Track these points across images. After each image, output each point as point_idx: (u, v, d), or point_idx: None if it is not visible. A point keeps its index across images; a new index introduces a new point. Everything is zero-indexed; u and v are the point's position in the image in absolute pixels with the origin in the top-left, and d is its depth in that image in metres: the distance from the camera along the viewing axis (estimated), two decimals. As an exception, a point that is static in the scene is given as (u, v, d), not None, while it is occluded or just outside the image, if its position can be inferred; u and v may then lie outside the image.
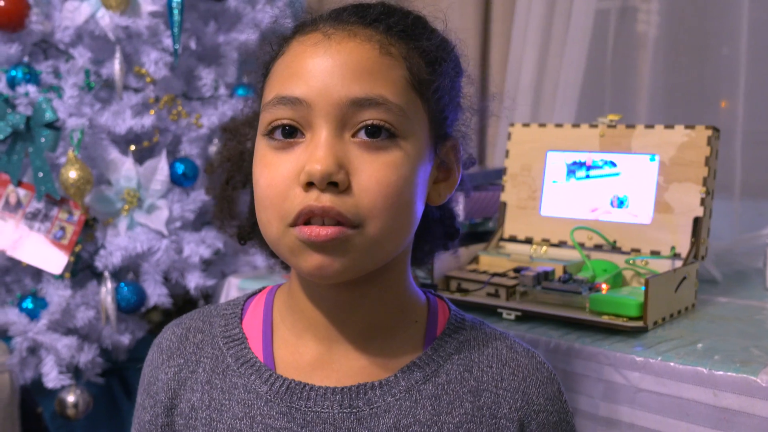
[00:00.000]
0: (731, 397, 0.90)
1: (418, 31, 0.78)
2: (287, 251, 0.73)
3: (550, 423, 0.81)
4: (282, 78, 0.75)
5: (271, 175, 0.73)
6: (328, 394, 0.77)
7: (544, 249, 1.27)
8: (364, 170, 0.71)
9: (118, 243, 1.68)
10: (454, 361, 0.80)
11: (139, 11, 1.70)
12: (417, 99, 0.75)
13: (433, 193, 0.81)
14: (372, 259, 0.74)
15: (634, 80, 1.96)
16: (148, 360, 0.87)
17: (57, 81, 1.70)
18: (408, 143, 0.73)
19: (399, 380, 0.78)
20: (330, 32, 0.74)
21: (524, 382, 0.81)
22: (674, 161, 1.17)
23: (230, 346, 0.82)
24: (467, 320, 0.85)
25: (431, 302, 0.85)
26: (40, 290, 1.68)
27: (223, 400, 0.79)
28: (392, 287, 0.81)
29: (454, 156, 0.83)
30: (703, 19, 1.85)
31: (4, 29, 1.65)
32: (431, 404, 0.77)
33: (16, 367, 1.64)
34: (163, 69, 1.74)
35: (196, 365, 0.83)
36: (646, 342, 1.01)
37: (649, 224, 1.18)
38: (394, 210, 0.72)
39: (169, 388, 0.82)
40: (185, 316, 0.89)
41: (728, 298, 1.26)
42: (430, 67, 0.77)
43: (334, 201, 0.70)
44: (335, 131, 0.71)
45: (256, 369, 0.79)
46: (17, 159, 1.64)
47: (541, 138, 1.30)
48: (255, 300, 0.87)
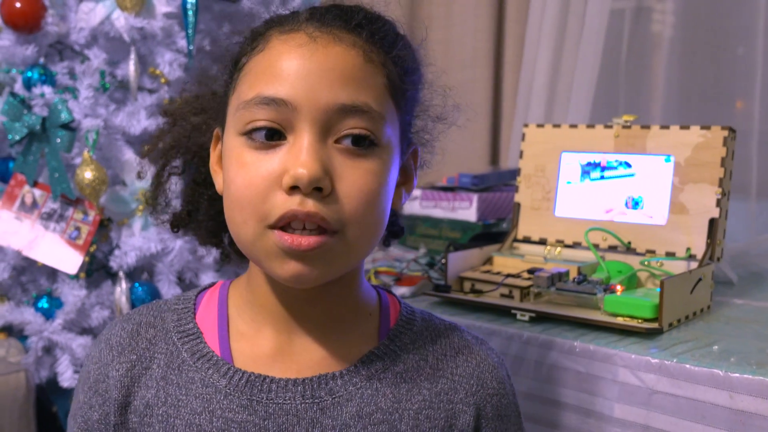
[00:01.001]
0: (747, 399, 0.89)
1: (394, 40, 0.78)
2: (263, 254, 0.73)
3: (503, 405, 0.84)
4: (264, 77, 0.74)
5: (250, 176, 0.72)
6: (290, 385, 0.77)
7: (558, 250, 1.26)
8: (347, 177, 0.72)
9: (132, 243, 1.68)
10: (410, 351, 0.82)
11: (153, 12, 1.71)
12: (393, 106, 0.76)
13: (396, 196, 0.82)
14: (347, 265, 0.76)
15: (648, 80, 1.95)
16: (93, 356, 0.84)
17: (72, 82, 1.71)
18: (385, 151, 0.75)
19: (359, 370, 0.79)
20: (315, 35, 0.74)
21: (478, 368, 0.83)
22: (689, 162, 1.17)
23: (185, 341, 0.81)
24: (417, 313, 0.87)
25: (382, 297, 0.87)
26: (56, 290, 1.69)
27: (180, 396, 0.78)
28: (350, 284, 0.82)
29: (414, 161, 0.85)
30: (719, 19, 1.84)
31: (21, 31, 1.66)
32: (391, 392, 0.79)
33: (32, 366, 1.65)
34: (178, 70, 1.74)
35: (150, 361, 0.81)
36: (662, 344, 1.00)
37: (664, 225, 1.18)
38: (372, 216, 0.74)
39: (122, 386, 0.80)
40: (132, 311, 0.87)
41: (744, 300, 1.25)
42: (405, 75, 0.78)
43: (318, 206, 0.70)
44: (319, 135, 0.71)
45: (213, 363, 0.79)
46: (33, 160, 1.65)
47: (555, 139, 1.30)
48: (207, 295, 0.87)
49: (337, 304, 0.81)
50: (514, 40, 2.12)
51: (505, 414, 0.84)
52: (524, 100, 2.03)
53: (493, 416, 0.83)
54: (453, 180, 1.64)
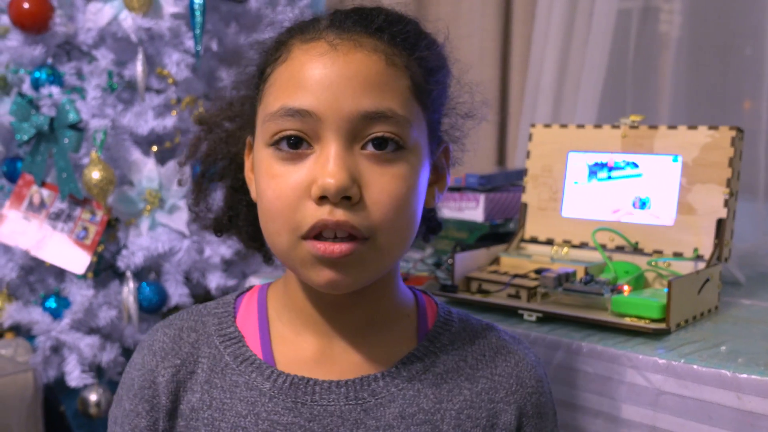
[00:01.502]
0: (755, 400, 0.89)
1: (417, 40, 0.78)
2: (298, 263, 0.74)
3: (542, 404, 0.84)
4: (288, 88, 0.74)
5: (280, 187, 0.73)
6: (333, 387, 0.78)
7: (565, 250, 1.26)
8: (375, 183, 0.72)
9: (140, 243, 1.69)
10: (449, 352, 0.83)
11: (161, 13, 1.71)
12: (419, 107, 0.76)
13: (429, 195, 0.82)
14: (380, 270, 0.76)
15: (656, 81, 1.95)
16: (136, 363, 0.84)
17: (80, 82, 1.71)
18: (413, 154, 0.75)
19: (400, 371, 0.80)
20: (335, 42, 0.74)
21: (516, 368, 0.84)
22: (697, 162, 1.17)
23: (227, 344, 0.82)
24: (454, 313, 0.88)
25: (419, 298, 0.88)
26: (63, 290, 1.70)
27: (225, 399, 0.79)
28: (387, 287, 0.83)
29: (446, 159, 0.85)
30: (726, 19, 1.84)
31: (29, 31, 1.67)
32: (433, 393, 0.80)
33: (40, 365, 1.66)
34: (185, 70, 1.75)
35: (194, 365, 0.81)
36: (669, 344, 1.00)
37: (671, 226, 1.18)
38: (402, 221, 0.74)
39: (169, 391, 0.80)
40: (173, 316, 0.87)
41: (752, 301, 1.25)
42: (429, 75, 0.78)
43: (348, 215, 0.70)
44: (345, 144, 0.72)
45: (257, 366, 0.80)
46: (41, 160, 1.66)
47: (562, 139, 1.29)
48: (246, 298, 0.87)
49: (375, 307, 0.82)
50: (521, 39, 2.11)
51: (543, 412, 0.85)
52: (531, 100, 2.03)
53: (533, 414, 0.83)
54: (460, 180, 1.63)
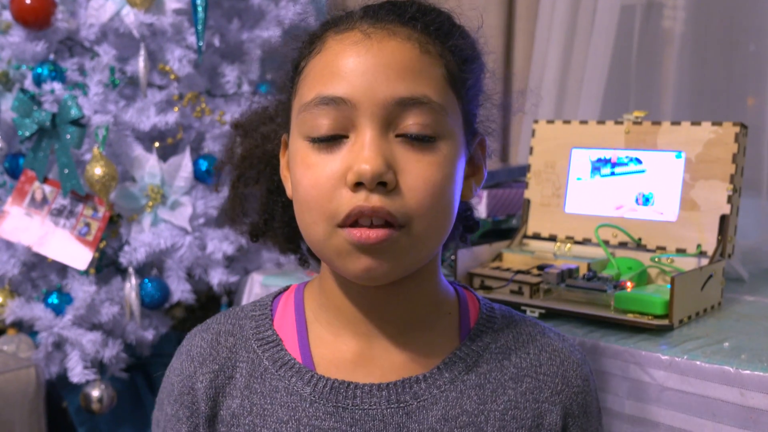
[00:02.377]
0: (758, 396, 0.89)
1: (451, 30, 0.78)
2: (334, 253, 0.73)
3: (587, 402, 0.83)
4: (322, 77, 0.74)
5: (315, 176, 0.72)
6: (374, 390, 0.77)
7: (568, 246, 1.26)
8: (411, 170, 0.71)
9: (142, 239, 1.69)
10: (492, 351, 0.81)
11: (163, 9, 1.71)
12: (454, 97, 0.76)
13: (466, 188, 0.81)
14: (417, 259, 0.75)
15: (659, 77, 1.94)
16: (175, 369, 0.84)
17: (82, 78, 1.71)
18: (448, 142, 0.74)
19: (442, 372, 0.79)
20: (369, 31, 0.74)
21: (562, 366, 0.82)
22: (701, 158, 1.16)
23: (265, 348, 0.81)
24: (497, 309, 0.86)
25: (461, 294, 0.86)
26: (65, 286, 1.70)
27: (265, 405, 0.78)
28: (426, 283, 0.81)
29: (482, 151, 0.84)
30: (730, 15, 1.83)
31: (31, 27, 1.67)
32: (476, 394, 0.78)
33: (42, 361, 1.66)
34: (187, 66, 1.75)
35: (232, 370, 0.81)
36: (672, 340, 1.00)
37: (674, 222, 1.17)
38: (438, 209, 0.73)
39: (208, 397, 0.80)
40: (210, 320, 0.87)
41: (755, 297, 1.25)
42: (464, 64, 0.77)
43: (384, 201, 0.70)
44: (380, 130, 0.71)
45: (296, 371, 0.79)
46: (43, 156, 1.66)
47: (565, 135, 1.29)
48: (282, 299, 0.86)
49: (415, 304, 0.80)
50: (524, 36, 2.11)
51: (589, 411, 0.83)
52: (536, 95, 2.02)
53: (579, 414, 0.82)
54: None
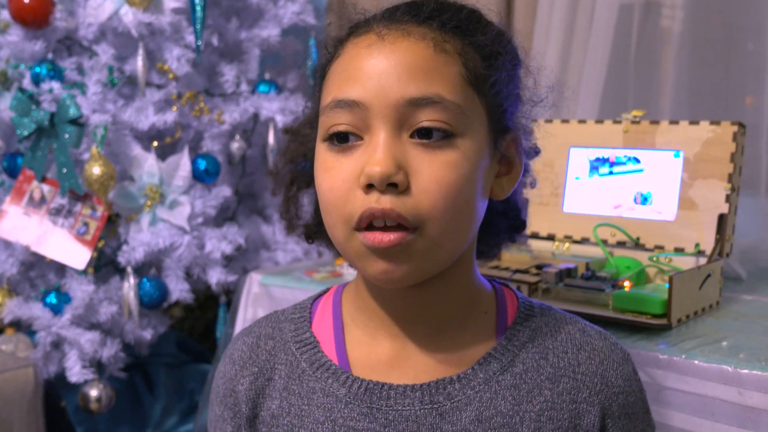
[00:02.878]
0: (757, 395, 0.89)
1: (472, 26, 0.77)
2: (354, 256, 0.74)
3: (629, 403, 0.81)
4: (338, 81, 0.75)
5: (332, 179, 0.73)
6: (408, 391, 0.77)
7: (566, 246, 1.26)
8: (423, 171, 0.71)
9: (140, 239, 1.69)
10: (528, 350, 0.80)
11: (161, 8, 1.71)
12: (474, 95, 0.75)
13: (496, 187, 0.80)
14: (434, 262, 0.74)
15: (658, 76, 1.94)
16: (220, 372, 0.87)
17: (81, 77, 1.71)
18: (466, 141, 0.73)
19: (477, 373, 0.78)
20: (383, 33, 0.74)
21: (602, 366, 0.80)
22: (699, 157, 1.16)
23: (303, 350, 0.82)
24: (535, 306, 0.85)
25: (498, 291, 0.85)
26: (64, 285, 1.69)
27: (303, 406, 0.79)
28: (459, 282, 0.80)
29: (515, 149, 0.82)
30: (728, 15, 1.83)
31: (29, 26, 1.66)
32: (511, 394, 0.77)
33: (40, 361, 1.66)
34: (186, 65, 1.74)
35: (271, 372, 0.82)
36: (670, 340, 1.00)
37: (673, 221, 1.17)
38: (453, 210, 0.72)
39: (248, 399, 0.82)
40: (253, 324, 0.89)
41: (753, 296, 1.25)
42: (487, 61, 0.76)
43: (394, 202, 0.70)
44: (393, 132, 0.71)
45: (332, 372, 0.79)
46: (41, 155, 1.66)
47: (563, 134, 1.29)
48: (322, 302, 0.87)
49: (449, 304, 0.80)
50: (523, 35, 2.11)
51: (632, 412, 0.81)
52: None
53: (619, 415, 0.79)
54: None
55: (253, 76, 1.90)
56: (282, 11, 1.93)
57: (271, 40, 1.89)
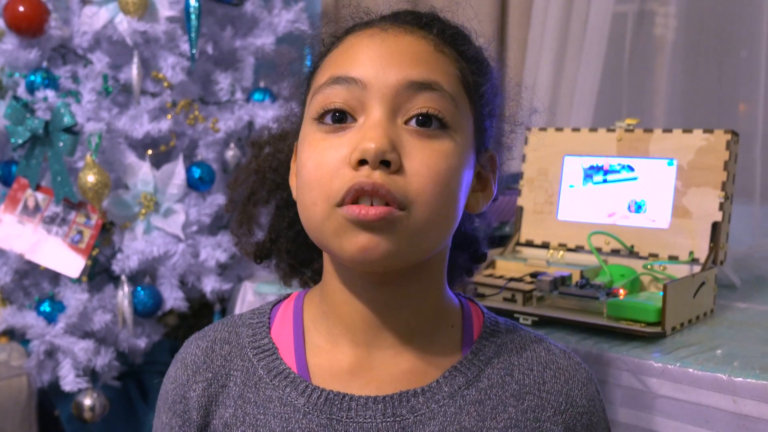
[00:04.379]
0: (751, 404, 0.89)
1: (465, 40, 0.81)
2: (331, 233, 0.71)
3: (593, 424, 0.81)
4: (337, 62, 0.75)
5: (320, 157, 0.72)
6: (370, 403, 0.75)
7: (561, 254, 1.26)
8: (416, 155, 0.71)
9: (135, 247, 1.69)
10: (494, 365, 0.79)
11: (156, 16, 1.71)
12: (466, 99, 0.76)
13: (472, 200, 0.80)
14: (416, 247, 0.73)
15: (651, 84, 1.95)
16: (170, 376, 0.83)
17: (75, 86, 1.71)
18: (456, 137, 0.74)
19: (441, 386, 0.77)
20: (386, 26, 0.76)
21: (567, 385, 0.80)
22: (692, 165, 1.17)
23: (261, 357, 0.80)
24: (501, 323, 0.84)
25: (465, 306, 0.84)
26: (58, 294, 1.69)
27: (258, 415, 0.77)
28: (430, 288, 0.80)
29: (491, 167, 0.83)
30: (722, 23, 1.84)
31: (24, 34, 1.66)
32: (475, 410, 0.76)
33: (34, 370, 1.65)
34: (180, 74, 1.74)
35: (226, 379, 0.80)
36: (665, 348, 1.00)
37: (667, 229, 1.18)
38: (442, 197, 0.72)
39: (200, 406, 0.79)
40: (208, 327, 0.85)
41: (747, 304, 1.25)
42: (477, 72, 0.79)
43: (385, 179, 0.69)
44: (389, 114, 0.72)
45: (291, 380, 0.77)
46: (36, 163, 1.65)
47: (558, 142, 1.29)
48: (282, 307, 0.85)
49: (418, 313, 0.78)
50: (517, 43, 2.11)
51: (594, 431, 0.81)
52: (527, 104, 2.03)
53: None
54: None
55: (248, 84, 1.91)
56: (277, 19, 1.93)
57: (266, 48, 1.90)
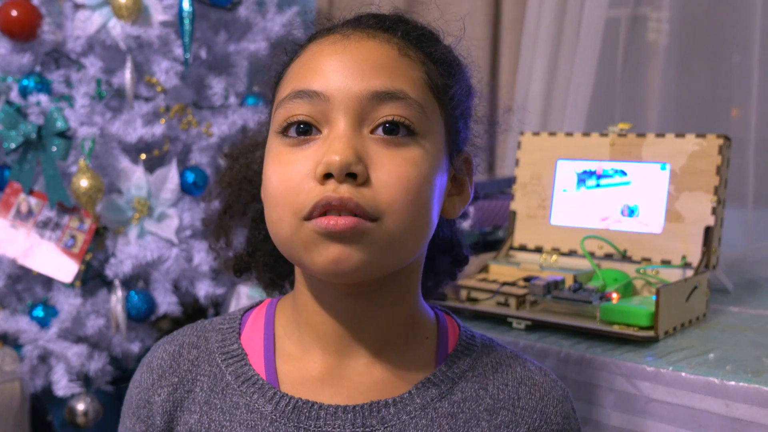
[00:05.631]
0: (743, 407, 0.89)
1: (432, 40, 0.78)
2: (301, 247, 0.69)
3: None
4: (299, 75, 0.73)
5: (285, 171, 0.70)
6: (339, 412, 0.74)
7: (554, 258, 1.26)
8: (384, 165, 0.69)
9: (128, 251, 1.68)
10: (468, 379, 0.78)
11: (150, 21, 1.71)
12: (435, 103, 0.74)
13: (448, 205, 0.79)
14: (390, 258, 0.71)
15: (644, 89, 1.96)
16: (135, 380, 0.81)
17: (68, 90, 1.71)
18: (426, 143, 0.72)
19: (414, 397, 0.75)
20: (348, 33, 0.74)
21: (542, 402, 0.79)
22: (685, 170, 1.17)
23: (229, 362, 0.78)
24: (477, 337, 0.83)
25: (440, 319, 0.83)
26: (51, 298, 1.69)
27: (224, 422, 0.75)
28: (404, 299, 0.78)
29: (467, 170, 0.81)
30: (715, 27, 1.85)
31: (17, 39, 1.66)
32: (447, 423, 0.75)
33: (27, 375, 1.65)
34: (174, 78, 1.74)
35: (192, 384, 0.78)
36: (657, 352, 1.00)
37: (659, 233, 1.18)
38: (413, 206, 0.70)
39: (164, 411, 0.77)
40: (177, 332, 0.84)
41: (740, 308, 1.25)
42: (446, 74, 0.76)
43: (352, 192, 0.67)
44: (354, 125, 0.70)
45: (259, 387, 0.76)
46: (29, 168, 1.65)
47: (551, 147, 1.30)
48: (253, 314, 0.83)
49: (391, 324, 0.77)
50: (510, 48, 2.12)
51: None
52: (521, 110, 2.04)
53: None
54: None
55: (242, 88, 1.91)
56: (270, 24, 1.93)
57: (260, 53, 1.90)
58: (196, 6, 1.73)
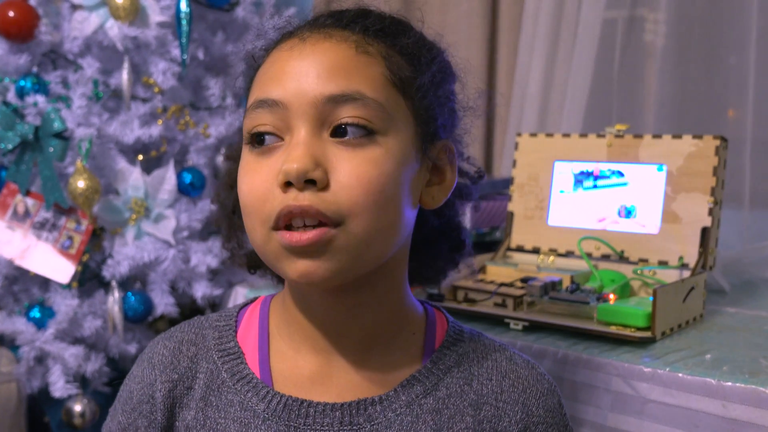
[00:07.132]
0: (740, 408, 0.89)
1: (397, 30, 0.77)
2: (273, 257, 0.71)
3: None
4: (261, 83, 0.74)
5: (252, 180, 0.72)
6: (327, 410, 0.75)
7: (551, 259, 1.26)
8: (343, 167, 0.69)
9: (125, 252, 1.68)
10: (453, 374, 0.79)
11: (147, 22, 1.71)
12: (399, 97, 0.74)
13: (426, 196, 0.78)
14: (359, 261, 0.71)
15: (641, 90, 1.96)
16: (135, 376, 0.82)
17: (65, 91, 1.70)
18: (389, 140, 0.72)
19: (399, 395, 0.76)
20: (306, 36, 0.74)
21: (524, 394, 0.79)
22: (682, 171, 1.17)
23: (226, 360, 0.79)
24: (465, 332, 0.83)
25: (429, 313, 0.83)
26: (48, 299, 1.68)
27: (219, 419, 0.76)
28: (388, 296, 0.78)
29: (446, 158, 0.80)
30: (711, 29, 1.85)
31: (14, 39, 1.66)
32: (432, 419, 0.76)
33: (23, 376, 1.65)
34: (171, 79, 1.74)
35: (191, 381, 0.79)
36: (654, 352, 1.00)
37: (656, 234, 1.18)
38: (377, 206, 0.70)
39: (165, 407, 0.79)
40: (174, 328, 0.85)
41: (737, 309, 1.25)
42: (412, 65, 0.76)
43: (313, 199, 0.68)
44: (313, 131, 0.70)
45: (253, 386, 0.77)
46: (26, 169, 1.65)
47: (548, 148, 1.30)
48: (248, 311, 0.85)
49: (376, 321, 0.78)
50: (508, 49, 2.12)
51: None
52: (517, 109, 2.04)
53: None
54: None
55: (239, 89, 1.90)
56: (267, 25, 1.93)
57: (257, 53, 1.89)
58: (194, 7, 1.73)
